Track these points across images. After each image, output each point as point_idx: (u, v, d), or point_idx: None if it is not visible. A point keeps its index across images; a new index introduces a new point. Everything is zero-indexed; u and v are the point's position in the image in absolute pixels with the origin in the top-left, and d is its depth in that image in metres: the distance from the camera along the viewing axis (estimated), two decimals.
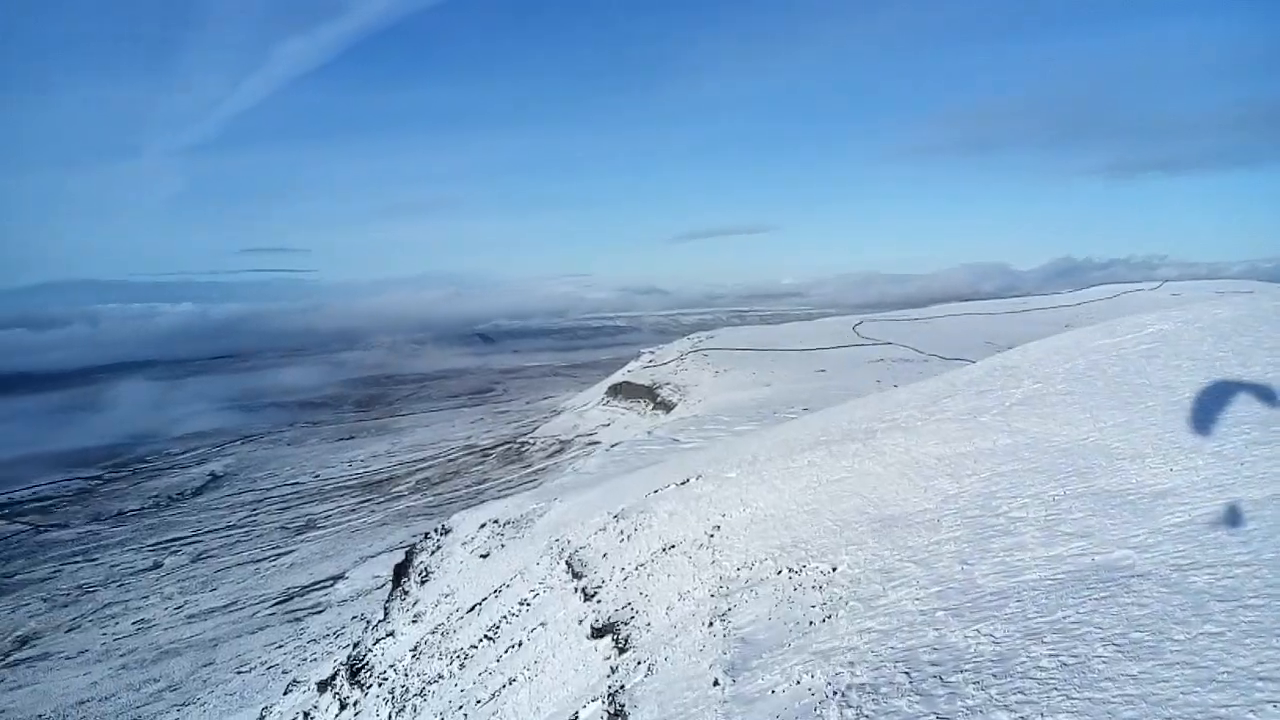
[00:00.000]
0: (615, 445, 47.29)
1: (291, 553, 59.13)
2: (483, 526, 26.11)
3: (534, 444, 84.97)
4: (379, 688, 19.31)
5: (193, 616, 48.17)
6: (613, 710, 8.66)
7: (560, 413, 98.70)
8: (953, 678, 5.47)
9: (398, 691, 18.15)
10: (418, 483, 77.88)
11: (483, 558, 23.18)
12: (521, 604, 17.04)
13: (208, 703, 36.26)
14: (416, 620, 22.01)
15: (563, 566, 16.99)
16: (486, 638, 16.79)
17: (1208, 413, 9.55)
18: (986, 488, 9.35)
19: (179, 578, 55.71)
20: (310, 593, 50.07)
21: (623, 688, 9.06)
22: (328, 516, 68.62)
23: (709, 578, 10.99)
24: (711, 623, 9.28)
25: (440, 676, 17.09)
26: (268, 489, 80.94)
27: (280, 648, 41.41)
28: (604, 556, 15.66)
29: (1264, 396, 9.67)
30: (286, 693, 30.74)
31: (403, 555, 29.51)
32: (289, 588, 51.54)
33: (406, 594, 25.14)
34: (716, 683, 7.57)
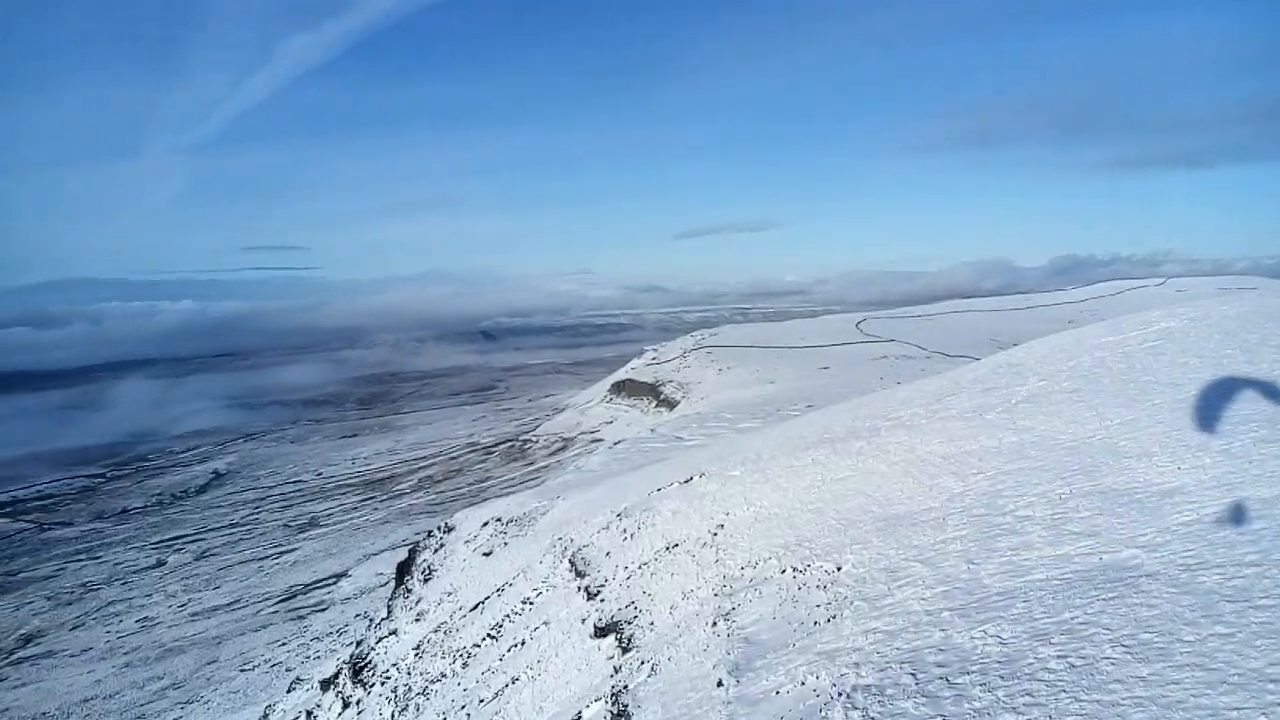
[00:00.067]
0: (618, 443, 47.27)
1: (294, 550, 59.20)
2: (485, 524, 26.10)
3: (537, 442, 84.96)
4: (382, 686, 19.29)
5: (196, 614, 48.25)
6: (616, 710, 8.62)
7: (563, 410, 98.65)
8: (959, 679, 5.42)
9: (400, 690, 18.13)
10: (420, 480, 77.91)
11: (485, 556, 23.17)
12: (524, 603, 17.01)
13: (211, 701, 36.34)
14: (419, 618, 22.00)
15: (566, 565, 16.96)
16: (489, 636, 16.75)
17: (1215, 410, 9.47)
18: (992, 486, 9.29)
19: (182, 575, 55.79)
20: (313, 590, 50.13)
21: (626, 688, 9.02)
22: (330, 514, 68.68)
23: (713, 577, 10.94)
24: (715, 622, 9.23)
25: (443, 675, 17.07)
26: (270, 487, 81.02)
27: (283, 645, 41.48)
28: (607, 555, 15.62)
29: (1271, 394, 9.59)
30: (290, 691, 30.77)
31: (405, 553, 29.54)
32: (292, 585, 51.60)
33: (409, 592, 25.15)
34: (720, 683, 7.52)
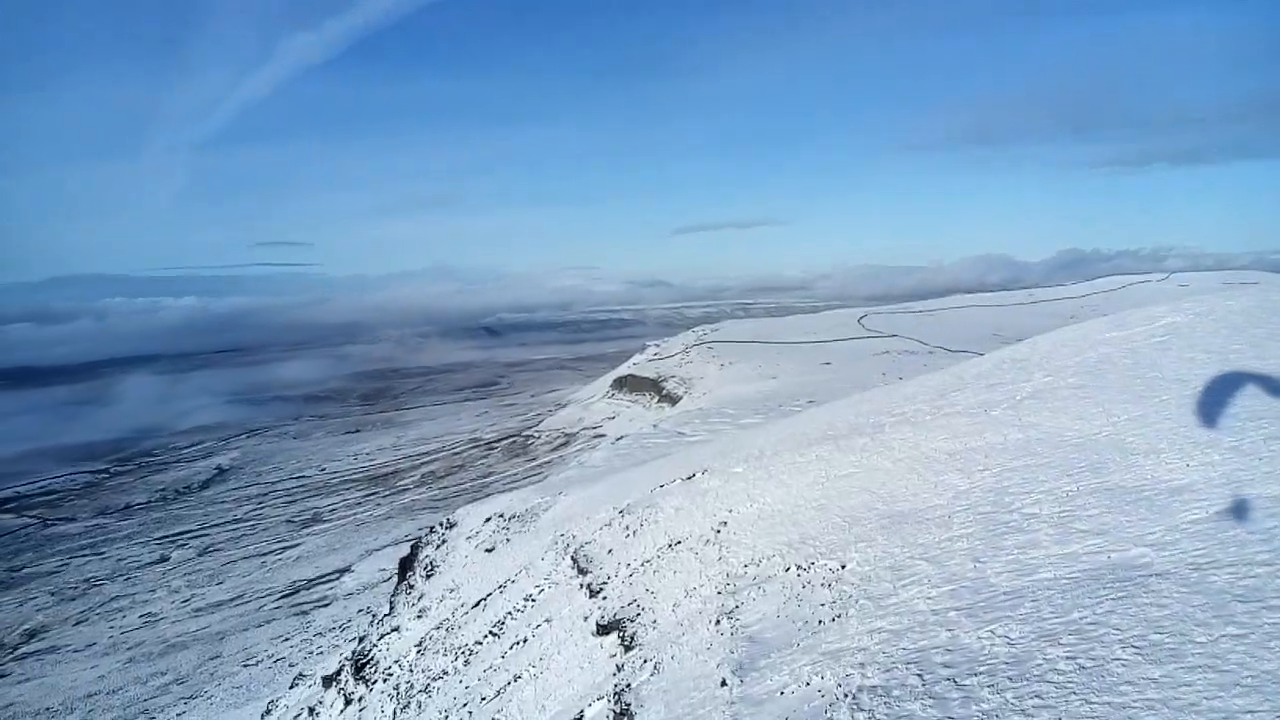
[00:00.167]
0: (620, 439, 47.21)
1: (297, 546, 59.38)
2: (488, 520, 26.07)
3: (539, 437, 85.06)
4: (384, 683, 19.28)
5: (199, 610, 48.44)
6: (619, 709, 8.56)
7: (565, 406, 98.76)
8: (967, 680, 5.35)
9: (402, 687, 18.11)
10: (423, 476, 78.07)
11: (488, 552, 23.14)
12: (526, 600, 16.96)
13: (214, 696, 36.49)
14: (421, 615, 21.98)
15: (568, 562, 16.90)
16: (491, 634, 16.72)
17: (1223, 406, 9.36)
18: (998, 483, 9.19)
19: (186, 571, 56.00)
20: (316, 586, 50.28)
21: (629, 686, 8.97)
22: (333, 510, 68.86)
23: (716, 574, 10.86)
24: (719, 621, 9.16)
25: (445, 672, 17.04)
26: (273, 482, 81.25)
27: (286, 641, 41.61)
28: (609, 552, 15.56)
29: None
30: (293, 686, 30.83)
31: (408, 549, 29.55)
32: (295, 581, 51.76)
33: (412, 588, 25.15)
34: (724, 683, 7.45)
